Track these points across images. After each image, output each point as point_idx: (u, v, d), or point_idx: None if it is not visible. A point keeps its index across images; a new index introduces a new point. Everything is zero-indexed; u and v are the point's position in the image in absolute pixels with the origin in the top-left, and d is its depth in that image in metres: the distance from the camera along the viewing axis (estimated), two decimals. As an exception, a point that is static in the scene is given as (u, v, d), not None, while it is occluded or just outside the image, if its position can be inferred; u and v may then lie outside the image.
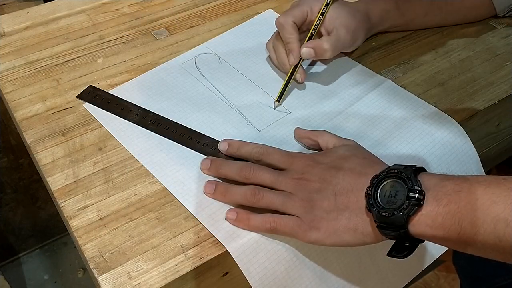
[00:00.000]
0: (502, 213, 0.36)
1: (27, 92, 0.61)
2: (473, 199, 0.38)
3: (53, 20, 0.73)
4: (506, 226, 0.36)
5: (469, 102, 0.60)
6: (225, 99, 0.60)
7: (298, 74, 0.60)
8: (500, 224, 0.36)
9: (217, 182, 0.49)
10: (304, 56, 0.59)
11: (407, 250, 0.42)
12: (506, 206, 0.36)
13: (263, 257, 0.46)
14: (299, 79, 0.60)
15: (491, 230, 0.37)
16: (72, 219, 0.48)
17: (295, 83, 0.62)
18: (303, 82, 0.61)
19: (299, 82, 0.61)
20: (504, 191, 0.37)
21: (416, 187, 0.40)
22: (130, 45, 0.69)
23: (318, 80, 0.63)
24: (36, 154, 0.54)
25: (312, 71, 0.64)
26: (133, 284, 0.43)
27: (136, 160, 0.53)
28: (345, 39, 0.60)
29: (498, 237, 0.37)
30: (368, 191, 0.42)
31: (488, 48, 0.67)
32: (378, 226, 0.41)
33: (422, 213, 0.40)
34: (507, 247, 0.36)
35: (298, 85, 0.62)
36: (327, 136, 0.52)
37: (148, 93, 0.61)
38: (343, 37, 0.60)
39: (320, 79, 0.63)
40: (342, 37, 0.60)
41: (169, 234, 0.47)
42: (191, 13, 0.74)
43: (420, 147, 0.54)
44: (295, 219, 0.45)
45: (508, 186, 0.37)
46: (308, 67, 0.65)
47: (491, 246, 0.37)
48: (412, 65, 0.65)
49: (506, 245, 0.36)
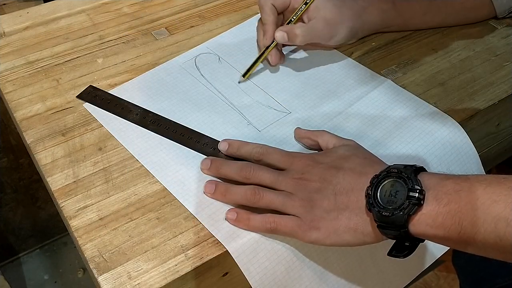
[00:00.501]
0: (503, 212, 0.36)
1: (27, 92, 0.61)
2: (473, 198, 0.38)
3: (53, 20, 0.73)
4: (507, 225, 0.36)
5: (469, 102, 0.60)
6: (225, 99, 0.60)
7: (271, 56, 0.62)
8: (500, 223, 0.36)
9: (217, 182, 0.49)
10: (277, 39, 0.61)
11: (407, 249, 0.42)
12: (506, 205, 0.36)
13: (263, 257, 0.46)
14: (271, 61, 0.62)
15: (492, 229, 0.37)
16: (72, 219, 0.48)
17: (296, 83, 0.62)
18: (275, 64, 0.63)
19: (272, 65, 0.63)
20: (505, 190, 0.37)
21: (416, 186, 0.40)
22: (130, 45, 0.69)
23: (318, 80, 0.63)
24: (36, 154, 0.54)
25: (312, 71, 0.64)
26: (133, 284, 0.43)
27: (136, 160, 0.53)
28: (321, 31, 0.61)
29: (498, 236, 0.37)
30: (368, 191, 0.42)
31: (488, 48, 0.67)
32: (379, 226, 0.41)
33: (422, 213, 0.40)
34: (508, 246, 0.36)
35: (299, 85, 0.62)
36: (327, 136, 0.52)
37: (148, 93, 0.61)
38: (320, 29, 0.61)
39: (320, 79, 0.63)
40: (319, 28, 0.61)
41: (169, 234, 0.47)
42: (191, 13, 0.74)
43: (420, 147, 0.54)
44: (295, 219, 0.45)
45: (509, 185, 0.37)
46: (308, 67, 0.65)
47: (491, 246, 0.37)
48: (412, 65, 0.65)
49: (506, 244, 0.36)
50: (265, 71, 0.64)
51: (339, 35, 0.63)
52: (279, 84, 0.62)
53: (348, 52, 0.67)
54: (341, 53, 0.66)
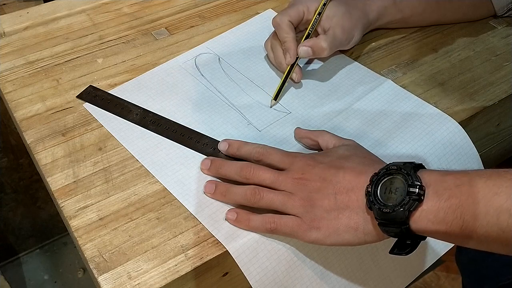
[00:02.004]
0: (505, 204, 0.36)
1: (27, 92, 0.61)
2: (474, 192, 0.38)
3: (53, 20, 0.73)
4: (509, 216, 0.36)
5: (469, 102, 0.60)
6: (225, 99, 0.60)
7: (294, 73, 0.61)
8: (503, 215, 0.36)
9: (217, 182, 0.49)
10: (302, 55, 0.59)
11: (409, 247, 0.42)
12: (508, 197, 0.36)
13: (263, 257, 0.46)
14: (295, 78, 0.61)
15: (494, 221, 0.37)
16: (72, 219, 0.48)
17: (294, 82, 0.62)
18: (299, 81, 0.61)
19: (296, 82, 0.61)
20: (505, 182, 0.37)
21: (416, 182, 0.40)
22: (130, 45, 0.69)
23: (318, 80, 0.63)
24: (36, 154, 0.54)
25: (312, 71, 0.64)
26: (133, 284, 0.43)
27: (136, 160, 0.53)
28: (341, 38, 0.61)
29: (501, 228, 0.36)
30: (368, 189, 0.42)
31: (488, 48, 0.67)
32: (380, 224, 0.41)
33: (423, 209, 0.40)
34: (510, 238, 0.36)
35: (299, 86, 0.62)
36: (327, 136, 0.52)
37: (148, 93, 0.61)
38: (339, 36, 0.60)
39: (320, 79, 0.63)
40: (339, 36, 0.60)
41: (169, 234, 0.47)
42: (191, 13, 0.74)
43: (420, 147, 0.54)
44: (295, 219, 0.45)
45: (509, 177, 0.37)
46: (308, 67, 0.65)
47: (494, 239, 0.37)
48: (412, 65, 0.65)
49: (509, 236, 0.36)
50: (266, 71, 0.64)
51: (355, 37, 0.63)
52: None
53: (348, 52, 0.67)
54: (341, 53, 0.66)
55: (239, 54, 0.67)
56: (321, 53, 0.60)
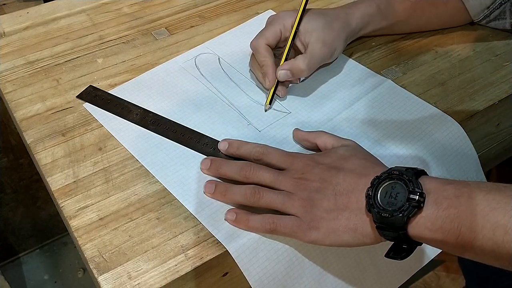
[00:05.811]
0: (502, 219, 0.36)
1: (27, 92, 0.61)
2: (473, 204, 0.38)
3: (53, 20, 0.73)
4: (505, 233, 0.36)
5: (469, 102, 0.60)
6: (225, 99, 0.60)
7: (279, 91, 0.59)
8: (499, 231, 0.36)
9: (217, 182, 0.49)
10: (281, 79, 0.58)
11: (405, 252, 0.42)
12: (505, 213, 0.36)
13: (263, 257, 0.46)
14: (281, 94, 0.59)
15: (490, 236, 0.37)
16: (72, 219, 0.48)
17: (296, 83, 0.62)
18: (284, 96, 0.60)
19: (280, 97, 0.60)
20: (504, 198, 0.37)
21: (417, 189, 0.40)
22: (130, 45, 0.69)
23: (318, 80, 0.63)
24: (36, 154, 0.54)
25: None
26: (133, 284, 0.43)
27: (136, 160, 0.53)
28: (321, 53, 0.59)
29: (496, 243, 0.37)
30: (369, 192, 0.42)
31: (488, 48, 0.67)
32: (378, 227, 0.42)
33: (421, 216, 0.40)
34: (505, 254, 0.36)
35: (299, 86, 0.62)
36: (325, 137, 0.52)
37: (148, 93, 0.61)
38: (319, 52, 0.58)
39: (320, 79, 0.63)
40: (318, 52, 0.58)
41: (169, 234, 0.47)
42: (191, 13, 0.74)
43: (420, 147, 0.54)
44: (294, 219, 0.45)
45: (509, 193, 0.37)
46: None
47: (489, 252, 0.37)
48: (412, 65, 0.65)
49: (503, 252, 0.36)
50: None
51: (337, 49, 0.61)
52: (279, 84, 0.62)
53: (348, 52, 0.67)
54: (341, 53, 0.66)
55: (239, 54, 0.67)
56: (300, 74, 0.58)
